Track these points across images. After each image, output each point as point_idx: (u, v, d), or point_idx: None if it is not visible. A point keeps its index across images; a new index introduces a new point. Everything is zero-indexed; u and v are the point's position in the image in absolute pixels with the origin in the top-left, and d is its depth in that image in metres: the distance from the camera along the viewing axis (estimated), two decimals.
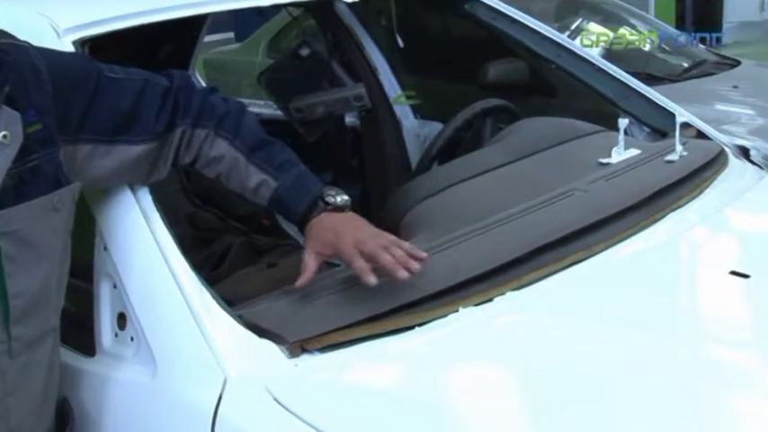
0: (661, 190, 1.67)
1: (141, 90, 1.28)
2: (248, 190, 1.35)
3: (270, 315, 1.25)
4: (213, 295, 1.23)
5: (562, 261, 1.42)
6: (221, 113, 1.34)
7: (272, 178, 1.33)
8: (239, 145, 1.34)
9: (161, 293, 1.22)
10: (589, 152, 1.88)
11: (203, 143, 1.33)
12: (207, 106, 1.34)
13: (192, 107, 1.32)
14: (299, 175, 1.35)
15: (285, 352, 1.18)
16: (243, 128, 1.35)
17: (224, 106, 1.36)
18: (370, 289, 1.29)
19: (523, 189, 1.66)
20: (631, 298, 1.37)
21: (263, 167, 1.33)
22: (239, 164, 1.33)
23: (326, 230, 1.31)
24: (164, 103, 1.30)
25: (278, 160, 1.35)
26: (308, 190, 1.34)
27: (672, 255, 1.55)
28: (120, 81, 1.28)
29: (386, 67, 2.79)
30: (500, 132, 2.16)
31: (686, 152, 1.86)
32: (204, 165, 1.35)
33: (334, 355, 1.19)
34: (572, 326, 1.28)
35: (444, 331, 1.24)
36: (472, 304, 1.30)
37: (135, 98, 1.27)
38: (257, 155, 1.34)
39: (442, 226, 1.56)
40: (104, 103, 1.24)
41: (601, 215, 1.54)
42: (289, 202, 1.33)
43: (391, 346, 1.22)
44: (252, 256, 2.45)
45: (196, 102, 1.33)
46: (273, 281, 2.16)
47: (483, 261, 1.38)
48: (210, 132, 1.33)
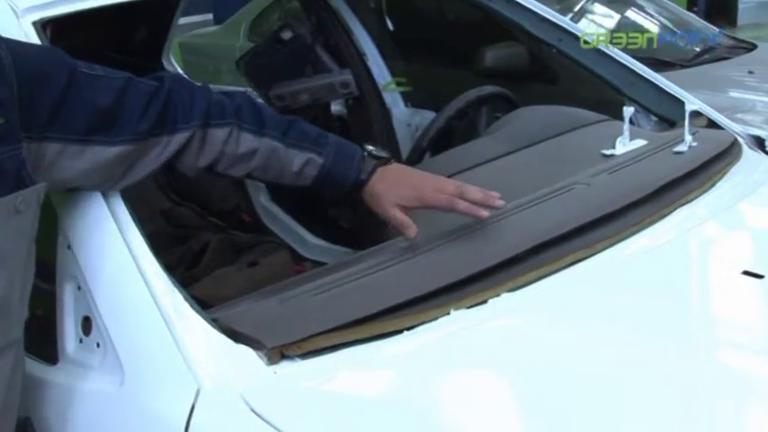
0: (669, 183, 1.67)
1: (123, 88, 1.26)
2: (290, 175, 1.38)
3: (247, 318, 1.25)
4: (186, 297, 1.22)
5: (562, 260, 1.41)
6: (234, 108, 1.35)
7: (316, 155, 1.38)
8: (271, 132, 1.36)
9: (129, 295, 1.21)
10: (591, 143, 1.89)
11: (226, 143, 1.33)
12: (214, 105, 1.33)
13: (196, 108, 1.31)
14: (338, 142, 1.41)
15: (263, 358, 1.17)
16: (264, 116, 1.37)
17: (232, 101, 1.37)
18: (356, 290, 1.30)
19: (521, 183, 1.66)
20: (637, 300, 1.37)
21: (303, 147, 1.37)
22: (278, 151, 1.36)
23: (397, 185, 1.39)
24: (150, 102, 1.28)
25: (312, 135, 1.39)
26: (353, 153, 1.40)
27: (680, 253, 1.55)
28: (98, 78, 1.26)
29: (374, 51, 2.78)
30: (496, 122, 2.16)
31: (696, 143, 1.86)
32: (230, 165, 1.36)
33: (316, 362, 1.18)
34: (573, 331, 1.28)
35: (434, 335, 1.24)
36: (465, 306, 1.29)
37: (115, 96, 1.25)
38: (291, 136, 1.37)
39: (432, 222, 1.55)
40: (78, 101, 1.22)
41: (604, 211, 1.53)
42: (340, 173, 1.38)
43: (378, 351, 1.21)
44: (231, 254, 2.45)
45: (200, 102, 1.32)
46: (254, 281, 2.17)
47: (476, 260, 1.37)
48: (233, 130, 1.34)
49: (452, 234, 1.46)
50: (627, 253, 1.48)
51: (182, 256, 2.36)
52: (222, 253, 2.42)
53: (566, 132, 1.96)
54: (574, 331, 1.28)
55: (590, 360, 1.20)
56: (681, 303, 1.40)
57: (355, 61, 2.70)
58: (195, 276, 2.28)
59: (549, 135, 1.94)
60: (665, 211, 1.60)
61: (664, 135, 1.99)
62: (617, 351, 1.22)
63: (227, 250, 2.45)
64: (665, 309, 1.35)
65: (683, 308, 1.39)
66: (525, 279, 1.36)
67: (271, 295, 1.33)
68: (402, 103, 2.88)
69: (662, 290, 1.41)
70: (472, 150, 1.99)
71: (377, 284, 1.32)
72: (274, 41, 2.53)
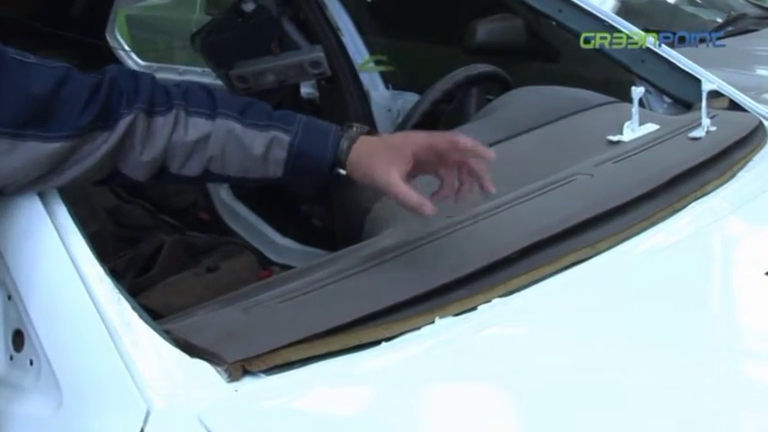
0: (683, 173, 1.69)
1: (62, 78, 1.26)
2: (256, 161, 1.36)
3: (204, 329, 1.25)
4: (134, 306, 1.21)
5: (561, 261, 1.42)
6: (181, 91, 1.35)
7: (281, 132, 1.35)
8: (225, 112, 1.35)
9: (68, 305, 1.21)
10: (596, 128, 1.90)
11: (173, 131, 1.33)
12: (158, 90, 1.33)
13: (140, 92, 1.31)
14: (308, 118, 1.39)
15: (223, 375, 1.16)
16: (216, 97, 1.36)
17: (177, 87, 1.36)
18: (328, 296, 1.30)
19: (515, 174, 1.67)
20: (647, 307, 1.38)
21: (264, 126, 1.35)
22: (235, 133, 1.34)
23: (387, 148, 1.37)
24: (93, 93, 1.28)
25: (275, 114, 1.38)
26: (326, 128, 1.39)
27: (696, 253, 1.56)
28: (32, 66, 1.25)
29: (350, 26, 2.80)
30: (488, 105, 2.17)
31: (715, 127, 1.88)
32: (183, 159, 1.34)
33: (283, 378, 1.18)
34: (574, 342, 1.28)
35: (417, 347, 1.24)
36: (451, 314, 1.30)
37: (53, 86, 1.25)
38: (250, 115, 1.36)
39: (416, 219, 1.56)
40: (8, 89, 1.21)
41: (608, 205, 1.55)
42: (313, 150, 1.36)
43: (354, 365, 1.21)
44: (187, 258, 2.46)
45: (144, 86, 1.32)
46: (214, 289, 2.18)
47: (464, 261, 1.38)
48: (180, 114, 1.33)
49: (437, 232, 1.47)
50: (635, 253, 1.49)
51: (131, 261, 2.37)
52: (177, 257, 2.43)
53: (566, 116, 1.97)
54: (575, 343, 1.28)
55: (594, 376, 1.21)
56: (697, 310, 1.41)
57: (328, 37, 2.71)
58: (146, 283, 2.29)
59: (548, 119, 1.95)
60: (678, 205, 1.61)
61: (678, 119, 2.01)
62: (624, 365, 1.23)
63: (182, 253, 2.46)
64: (679, 316, 1.36)
65: (700, 315, 1.40)
66: (519, 283, 1.37)
67: (231, 303, 1.33)
68: (382, 84, 2.89)
69: (675, 295, 1.42)
70: None
71: (352, 290, 1.33)
72: (235, 14, 2.53)
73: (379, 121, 2.83)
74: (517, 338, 1.32)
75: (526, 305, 1.34)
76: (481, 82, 2.37)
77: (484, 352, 1.27)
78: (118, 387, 1.14)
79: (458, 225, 1.50)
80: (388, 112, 2.85)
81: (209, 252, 2.53)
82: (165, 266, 2.36)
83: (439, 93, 2.31)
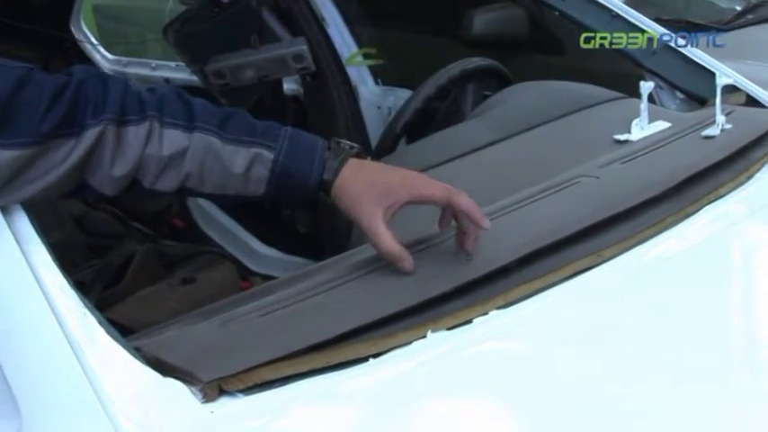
0: (696, 175, 1.70)
1: (22, 79, 1.25)
2: (235, 180, 1.35)
3: (177, 346, 1.25)
4: (101, 320, 1.21)
5: (563, 270, 1.43)
6: (156, 100, 1.34)
7: (264, 149, 1.35)
8: (203, 125, 1.33)
9: (28, 319, 1.20)
10: (602, 126, 1.91)
11: (147, 143, 1.32)
12: (130, 97, 1.32)
13: (110, 99, 1.30)
14: (294, 132, 1.38)
15: (197, 395, 1.17)
16: (194, 106, 1.35)
17: (153, 93, 1.35)
18: (312, 310, 1.30)
19: (514, 176, 1.68)
20: (656, 320, 1.38)
21: (246, 141, 1.35)
22: (213, 149, 1.33)
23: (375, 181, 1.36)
24: (56, 98, 1.26)
25: (259, 127, 1.37)
26: (313, 144, 1.38)
27: (710, 261, 1.56)
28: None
29: (336, 16, 2.81)
30: (485, 102, 2.18)
31: (731, 124, 1.89)
32: (156, 173, 1.34)
33: (262, 398, 1.18)
34: (577, 358, 1.29)
35: (408, 364, 1.25)
36: (445, 328, 1.30)
37: (11, 88, 1.23)
38: (231, 129, 1.35)
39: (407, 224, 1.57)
40: None
41: (615, 209, 1.55)
42: (298, 169, 1.36)
43: (338, 384, 1.21)
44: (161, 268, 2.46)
45: (114, 93, 1.31)
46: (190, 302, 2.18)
47: (459, 271, 1.39)
48: (154, 125, 1.32)
49: (430, 239, 1.47)
50: (643, 261, 1.49)
51: (99, 272, 2.37)
52: (150, 267, 2.43)
53: (570, 114, 1.98)
54: (579, 359, 1.29)
55: (600, 397, 1.21)
56: (711, 323, 1.41)
57: (312, 28, 2.72)
58: (116, 296, 2.29)
59: (550, 117, 1.96)
60: (690, 209, 1.62)
61: (691, 116, 2.02)
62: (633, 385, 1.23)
63: (155, 264, 2.47)
64: (693, 330, 1.36)
65: (715, 329, 1.40)
66: (519, 294, 1.37)
67: (207, 317, 1.33)
68: (371, 79, 2.90)
69: (687, 307, 1.42)
70: (456, 137, 2.01)
71: (337, 302, 1.33)
72: (211, 4, 2.54)
73: (368, 119, 2.83)
74: (516, 354, 1.32)
75: (526, 318, 1.35)
76: (478, 77, 2.38)
77: (480, 369, 1.27)
78: (82, 409, 1.14)
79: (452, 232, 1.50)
80: (377, 109, 2.86)
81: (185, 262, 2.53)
82: (136, 278, 2.36)
83: (432, 89, 2.32)
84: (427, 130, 2.24)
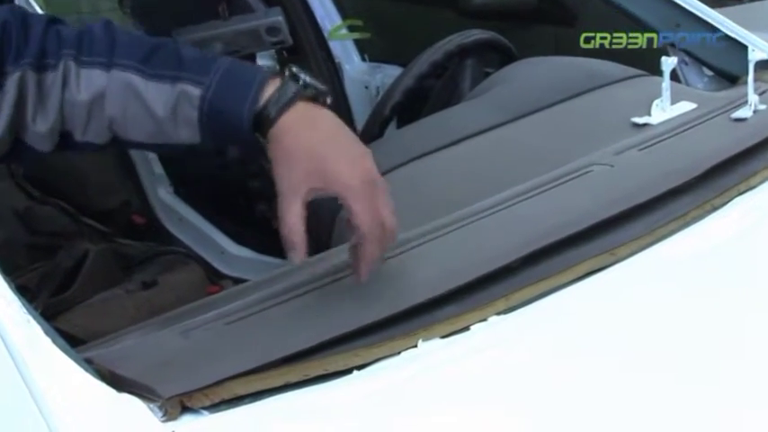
0: (724, 162, 1.70)
1: None
2: (162, 122, 1.31)
3: (134, 357, 1.25)
4: (47, 329, 1.21)
5: (573, 270, 1.43)
6: (75, 35, 1.33)
7: (191, 84, 1.29)
8: (122, 62, 1.31)
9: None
10: (618, 108, 1.92)
11: (64, 88, 1.31)
12: (50, 36, 1.32)
13: (30, 41, 1.30)
14: (229, 64, 1.32)
15: (157, 413, 1.17)
16: (117, 41, 1.33)
17: (74, 30, 1.34)
18: (287, 315, 1.31)
19: (518, 164, 1.69)
20: (677, 326, 1.38)
21: (171, 77, 1.30)
22: (134, 87, 1.30)
23: (315, 158, 1.27)
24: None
25: (188, 58, 1.32)
26: (250, 77, 1.29)
27: (739, 260, 1.57)
28: None
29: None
30: (486, 80, 2.18)
31: (765, 105, 1.90)
32: (85, 124, 1.32)
33: (231, 416, 1.18)
34: (588, 368, 1.29)
35: (396, 377, 1.25)
36: (438, 336, 1.30)
37: None
38: (155, 63, 1.31)
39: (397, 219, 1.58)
40: None
41: (631, 202, 1.56)
42: (228, 106, 1.28)
43: (318, 399, 1.21)
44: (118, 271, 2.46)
45: (34, 34, 1.31)
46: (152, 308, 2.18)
47: (456, 271, 1.39)
48: (69, 66, 1.31)
49: (423, 236, 1.48)
50: (663, 260, 1.50)
51: (46, 276, 2.37)
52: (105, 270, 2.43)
53: (581, 93, 1.99)
54: (590, 370, 1.29)
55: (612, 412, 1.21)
56: (740, 330, 1.40)
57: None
58: (66, 303, 2.29)
59: (559, 98, 1.97)
60: (717, 202, 1.63)
61: (720, 95, 2.03)
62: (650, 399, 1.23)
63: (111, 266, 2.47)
64: (718, 339, 1.37)
65: (744, 337, 1.39)
66: (522, 297, 1.38)
67: (168, 325, 1.33)
68: (357, 55, 2.91)
69: (713, 312, 1.42)
70: (453, 119, 2.01)
71: (317, 307, 1.34)
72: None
73: (353, 99, 2.84)
74: (519, 365, 1.31)
75: (530, 325, 1.35)
76: (478, 52, 2.38)
77: (478, 383, 1.27)
78: (25, 428, 1.14)
79: (448, 226, 1.51)
80: (364, 89, 2.86)
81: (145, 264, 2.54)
82: (89, 282, 2.36)
83: (426, 65, 2.32)
84: (420, 113, 2.25)
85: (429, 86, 2.33)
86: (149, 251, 2.59)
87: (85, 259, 2.40)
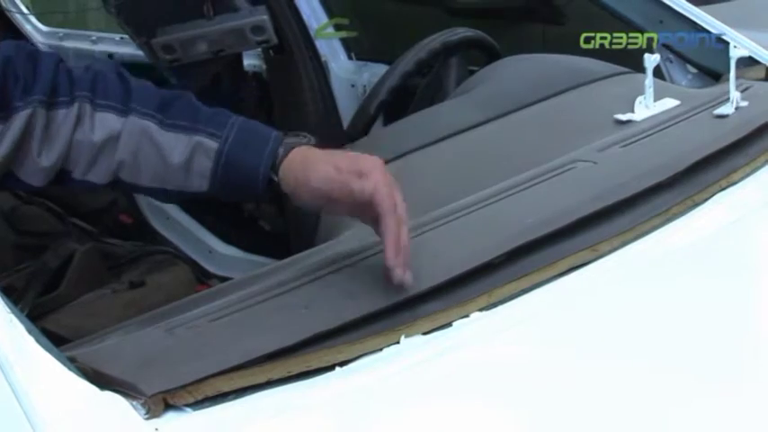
0: (706, 158, 1.71)
1: None
2: (175, 170, 1.35)
3: (118, 355, 1.25)
4: (30, 329, 1.21)
5: (555, 266, 1.44)
6: (89, 79, 1.35)
7: (208, 137, 1.34)
8: (139, 108, 1.34)
9: None
10: (601, 105, 1.92)
11: (76, 127, 1.33)
12: (61, 75, 1.34)
13: (39, 78, 1.32)
14: (243, 121, 1.37)
15: (140, 410, 1.17)
16: (131, 88, 1.36)
17: (86, 71, 1.36)
18: (270, 312, 1.31)
19: (501, 161, 1.70)
20: (659, 322, 1.39)
21: (188, 128, 1.35)
22: (149, 135, 1.34)
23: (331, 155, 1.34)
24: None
25: (204, 112, 1.37)
26: (265, 134, 1.36)
27: (721, 255, 1.58)
28: None
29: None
30: (471, 78, 2.19)
31: (746, 102, 1.91)
32: (87, 163, 1.35)
33: (214, 413, 1.18)
34: (570, 365, 1.30)
35: (379, 373, 1.25)
36: (420, 332, 1.31)
37: None
38: (171, 113, 1.35)
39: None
40: None
41: (614, 198, 1.57)
42: (246, 160, 1.34)
43: (301, 396, 1.22)
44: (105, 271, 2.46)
45: (44, 71, 1.33)
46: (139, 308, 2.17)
47: (438, 267, 1.40)
48: (84, 107, 1.33)
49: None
50: (645, 256, 1.50)
51: (32, 276, 2.36)
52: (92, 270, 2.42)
53: (566, 91, 1.99)
54: (573, 367, 1.29)
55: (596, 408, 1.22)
56: (721, 326, 1.41)
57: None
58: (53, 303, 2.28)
59: (543, 95, 1.97)
60: (699, 197, 1.63)
61: (703, 92, 2.03)
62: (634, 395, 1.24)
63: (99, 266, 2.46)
64: (700, 334, 1.37)
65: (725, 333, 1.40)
66: (505, 293, 1.38)
67: (152, 323, 1.34)
68: (343, 54, 2.91)
69: (695, 307, 1.43)
70: (438, 117, 2.01)
71: (299, 304, 1.34)
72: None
73: (339, 98, 2.84)
74: (501, 362, 1.31)
75: (512, 321, 1.35)
76: (463, 50, 2.39)
77: (460, 378, 1.28)
78: (8, 427, 1.14)
79: (432, 223, 1.52)
80: (351, 87, 2.87)
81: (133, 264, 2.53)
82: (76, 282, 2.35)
83: (411, 64, 2.32)
84: (406, 110, 2.25)
85: (414, 85, 2.33)
86: (137, 251, 2.58)
87: (72, 259, 2.39)
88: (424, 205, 1.56)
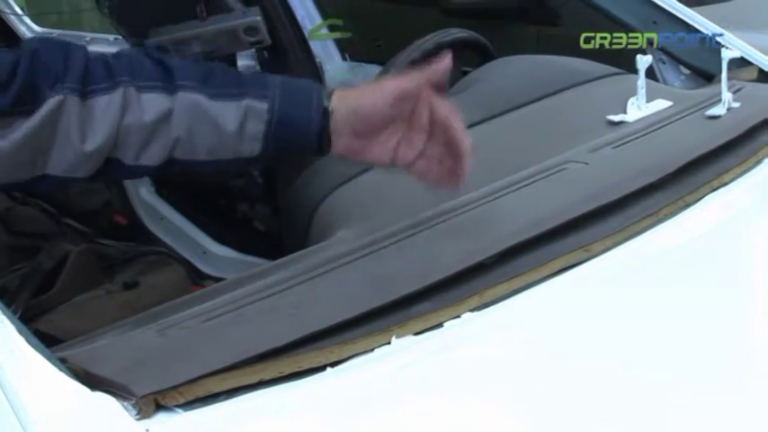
0: (697, 159, 1.71)
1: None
2: (230, 138, 1.37)
3: (109, 356, 1.25)
4: (21, 329, 1.21)
5: (547, 266, 1.44)
6: (124, 64, 1.35)
7: (256, 99, 1.36)
8: (184, 83, 1.35)
9: None
10: (593, 106, 1.92)
11: (124, 114, 1.33)
12: (95, 63, 1.34)
13: (71, 67, 1.31)
14: (282, 78, 1.41)
15: (131, 411, 1.17)
16: (169, 65, 1.37)
17: (118, 59, 1.37)
18: (262, 313, 1.31)
19: (493, 161, 1.68)
20: (650, 322, 1.39)
21: (235, 94, 1.36)
22: (200, 107, 1.35)
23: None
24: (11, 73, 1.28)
25: (244, 77, 1.39)
26: (306, 86, 1.40)
27: (712, 256, 1.58)
28: None
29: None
30: (464, 78, 2.19)
31: (738, 103, 1.91)
32: (142, 146, 1.35)
33: (205, 413, 1.18)
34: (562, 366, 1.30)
35: (370, 374, 1.26)
36: (411, 332, 1.31)
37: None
38: (215, 83, 1.36)
39: (372, 218, 1.58)
40: None
41: (606, 198, 1.57)
42: (297, 114, 1.37)
43: (292, 396, 1.22)
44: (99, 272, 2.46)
45: (76, 60, 1.32)
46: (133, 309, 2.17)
47: (430, 268, 1.40)
48: (128, 91, 1.33)
49: (396, 233, 1.49)
50: (637, 256, 1.50)
51: (26, 277, 2.37)
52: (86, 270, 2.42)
53: (558, 92, 1.99)
54: (564, 368, 1.29)
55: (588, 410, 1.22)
56: (713, 326, 1.41)
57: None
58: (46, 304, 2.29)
59: (536, 96, 1.97)
60: (690, 198, 1.63)
61: (696, 93, 2.03)
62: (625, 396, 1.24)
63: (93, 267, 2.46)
64: (691, 335, 1.37)
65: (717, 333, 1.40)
66: (496, 293, 1.38)
67: (143, 323, 1.34)
68: (338, 55, 2.91)
69: (686, 308, 1.43)
70: None
71: (291, 305, 1.34)
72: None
73: None
74: (492, 362, 1.32)
75: (504, 321, 1.36)
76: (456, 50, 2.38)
77: (451, 379, 1.28)
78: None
79: (422, 224, 1.52)
80: None
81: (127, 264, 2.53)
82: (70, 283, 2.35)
83: (405, 63, 2.32)
84: None
85: None
86: (131, 251, 2.59)
87: (66, 260, 2.40)
88: (415, 206, 1.56)
